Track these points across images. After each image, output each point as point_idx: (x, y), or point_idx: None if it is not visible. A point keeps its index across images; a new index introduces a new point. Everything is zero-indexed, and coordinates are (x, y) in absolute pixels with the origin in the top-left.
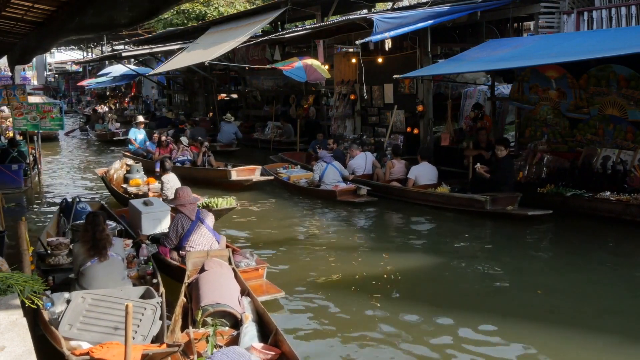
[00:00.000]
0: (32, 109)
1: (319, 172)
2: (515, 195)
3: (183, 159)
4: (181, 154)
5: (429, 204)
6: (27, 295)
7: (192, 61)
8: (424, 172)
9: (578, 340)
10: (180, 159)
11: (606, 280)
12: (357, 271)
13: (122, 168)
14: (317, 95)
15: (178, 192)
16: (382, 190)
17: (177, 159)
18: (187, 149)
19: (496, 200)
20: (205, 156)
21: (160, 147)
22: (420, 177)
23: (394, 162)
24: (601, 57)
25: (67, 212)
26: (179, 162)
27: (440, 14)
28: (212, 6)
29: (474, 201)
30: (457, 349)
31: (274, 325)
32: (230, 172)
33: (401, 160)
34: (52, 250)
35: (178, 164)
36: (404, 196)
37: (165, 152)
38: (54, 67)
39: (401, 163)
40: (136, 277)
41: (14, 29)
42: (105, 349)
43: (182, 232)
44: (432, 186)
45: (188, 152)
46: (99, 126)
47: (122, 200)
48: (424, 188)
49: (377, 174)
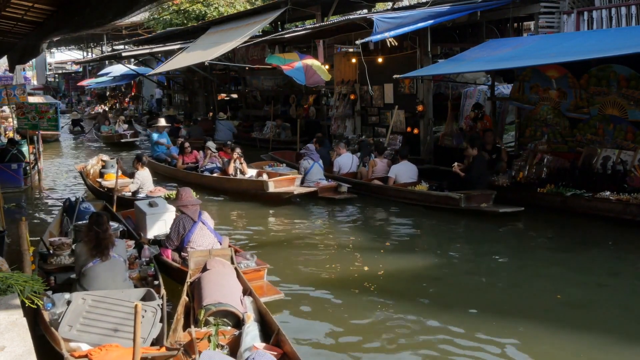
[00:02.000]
0: (32, 109)
1: (305, 169)
2: (489, 193)
3: (212, 167)
4: (209, 161)
5: (408, 201)
6: (27, 295)
7: (192, 61)
8: (404, 171)
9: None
10: (209, 166)
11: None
12: (350, 270)
13: (98, 164)
14: (317, 95)
15: (180, 192)
16: (363, 188)
17: (205, 167)
18: (215, 156)
19: (470, 198)
20: (237, 163)
21: (183, 154)
22: (400, 175)
23: (377, 160)
24: (601, 57)
25: (70, 212)
26: (207, 171)
27: (440, 14)
28: (212, 6)
29: (449, 199)
30: (458, 348)
31: (276, 325)
32: (267, 183)
33: (384, 159)
34: (55, 250)
35: (206, 173)
36: (384, 194)
37: (189, 159)
38: (54, 67)
39: (384, 162)
40: (138, 279)
41: (14, 29)
42: (104, 352)
43: (183, 232)
44: (412, 184)
45: (217, 159)
46: (105, 127)
47: (97, 194)
48: (403, 186)
49: (361, 172)
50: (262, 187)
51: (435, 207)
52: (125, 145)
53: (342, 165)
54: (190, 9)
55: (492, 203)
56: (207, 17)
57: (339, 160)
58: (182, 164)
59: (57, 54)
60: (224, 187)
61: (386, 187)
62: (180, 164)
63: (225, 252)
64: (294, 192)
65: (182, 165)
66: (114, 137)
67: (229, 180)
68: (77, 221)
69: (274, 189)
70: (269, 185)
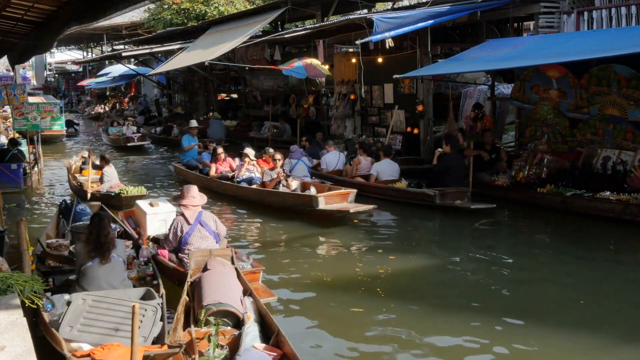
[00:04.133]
0: (33, 109)
1: (289, 168)
2: (464, 190)
3: (250, 177)
4: (246, 170)
5: (388, 197)
6: (27, 295)
7: (192, 61)
8: (386, 169)
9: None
10: (246, 176)
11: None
12: (346, 271)
13: (80, 160)
14: (317, 95)
15: (183, 192)
16: (345, 185)
17: (241, 177)
18: (253, 164)
19: (445, 195)
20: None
21: (216, 161)
22: (382, 173)
23: (361, 158)
24: (602, 57)
25: (67, 214)
26: (244, 182)
27: (440, 14)
28: (212, 6)
29: (425, 195)
30: (458, 350)
31: (275, 325)
32: (316, 199)
33: (368, 158)
34: (52, 252)
35: (243, 184)
36: (366, 191)
37: (224, 167)
38: (54, 67)
39: (367, 160)
40: (136, 279)
41: (14, 29)
42: (106, 351)
43: (180, 235)
44: (393, 181)
45: (255, 168)
46: (112, 130)
47: (74, 190)
48: (384, 183)
49: (346, 170)
50: (310, 202)
51: (413, 204)
52: (132, 149)
53: (328, 162)
54: (191, 7)
55: (467, 200)
56: (207, 17)
57: (325, 158)
58: (215, 173)
59: (57, 54)
60: (266, 202)
61: (368, 184)
62: (213, 173)
63: (226, 252)
64: (350, 210)
65: (216, 174)
66: (120, 140)
67: (270, 194)
68: (73, 223)
69: (325, 206)
70: (319, 201)
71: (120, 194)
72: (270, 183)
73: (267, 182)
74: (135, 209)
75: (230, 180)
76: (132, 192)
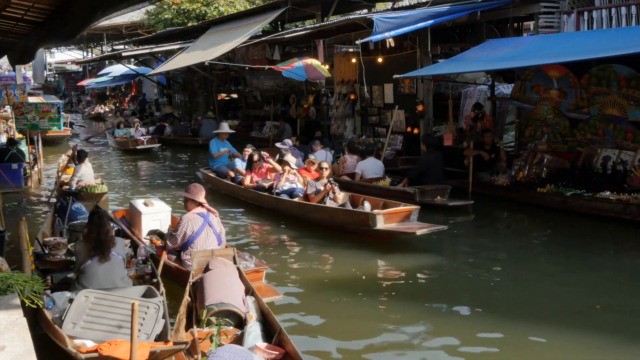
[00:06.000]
0: (32, 109)
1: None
2: (444, 188)
3: (291, 189)
4: (286, 180)
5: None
6: (27, 295)
7: (192, 61)
8: (370, 167)
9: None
10: (287, 188)
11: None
12: (342, 269)
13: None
14: (317, 95)
15: (195, 189)
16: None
17: (281, 187)
18: (295, 173)
19: (424, 192)
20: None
21: (251, 170)
22: (366, 171)
23: (347, 157)
24: (602, 57)
25: (62, 213)
26: (285, 194)
27: (440, 14)
28: (212, 6)
29: (405, 193)
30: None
31: (278, 324)
32: (374, 217)
33: (353, 156)
34: (50, 251)
35: (284, 196)
36: (351, 189)
37: (260, 175)
38: (54, 67)
39: (353, 158)
40: (135, 277)
41: (14, 29)
42: (113, 347)
43: (190, 234)
44: (377, 179)
45: (296, 178)
46: (119, 132)
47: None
48: (369, 181)
49: (333, 169)
50: (366, 221)
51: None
52: (141, 152)
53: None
54: (190, 8)
55: (447, 197)
56: (207, 17)
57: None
58: (250, 181)
59: (57, 54)
60: (312, 219)
61: (352, 182)
62: (248, 182)
63: (228, 252)
64: (417, 232)
65: (251, 184)
66: (128, 142)
67: (317, 209)
68: (69, 222)
69: (384, 225)
70: (377, 220)
71: (81, 191)
72: (315, 196)
73: (311, 194)
74: (129, 208)
75: (268, 191)
76: (93, 190)
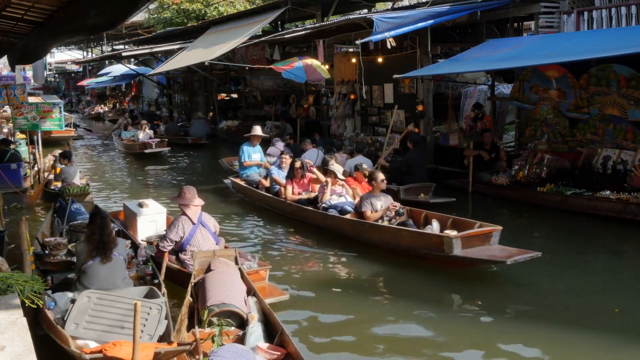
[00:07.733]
0: (32, 109)
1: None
2: (429, 185)
3: (342, 204)
4: (332, 192)
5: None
6: (27, 295)
7: (192, 61)
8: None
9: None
10: (335, 202)
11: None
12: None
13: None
14: (317, 95)
15: (183, 191)
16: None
17: (328, 201)
18: (343, 184)
19: (408, 190)
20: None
21: (294, 178)
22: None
23: (337, 155)
24: (601, 57)
25: (61, 213)
26: (333, 209)
27: (440, 13)
28: (212, 6)
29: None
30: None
31: (279, 325)
32: (449, 242)
33: (343, 154)
34: (50, 251)
35: (332, 212)
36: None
37: (301, 187)
38: (54, 67)
39: (343, 156)
40: (135, 278)
41: (14, 29)
42: (117, 347)
43: (182, 235)
44: None
45: (344, 190)
46: (126, 134)
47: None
48: None
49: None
50: (440, 246)
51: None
52: (149, 156)
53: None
54: (190, 8)
55: (430, 195)
56: (207, 17)
57: (305, 155)
58: (292, 193)
59: (57, 53)
60: (368, 239)
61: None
62: (290, 194)
63: (230, 252)
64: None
65: (294, 197)
66: (136, 145)
67: (376, 229)
68: (68, 222)
69: (462, 252)
70: (453, 245)
71: (63, 192)
72: (373, 214)
73: (367, 211)
74: (123, 210)
75: (313, 205)
76: (75, 191)
